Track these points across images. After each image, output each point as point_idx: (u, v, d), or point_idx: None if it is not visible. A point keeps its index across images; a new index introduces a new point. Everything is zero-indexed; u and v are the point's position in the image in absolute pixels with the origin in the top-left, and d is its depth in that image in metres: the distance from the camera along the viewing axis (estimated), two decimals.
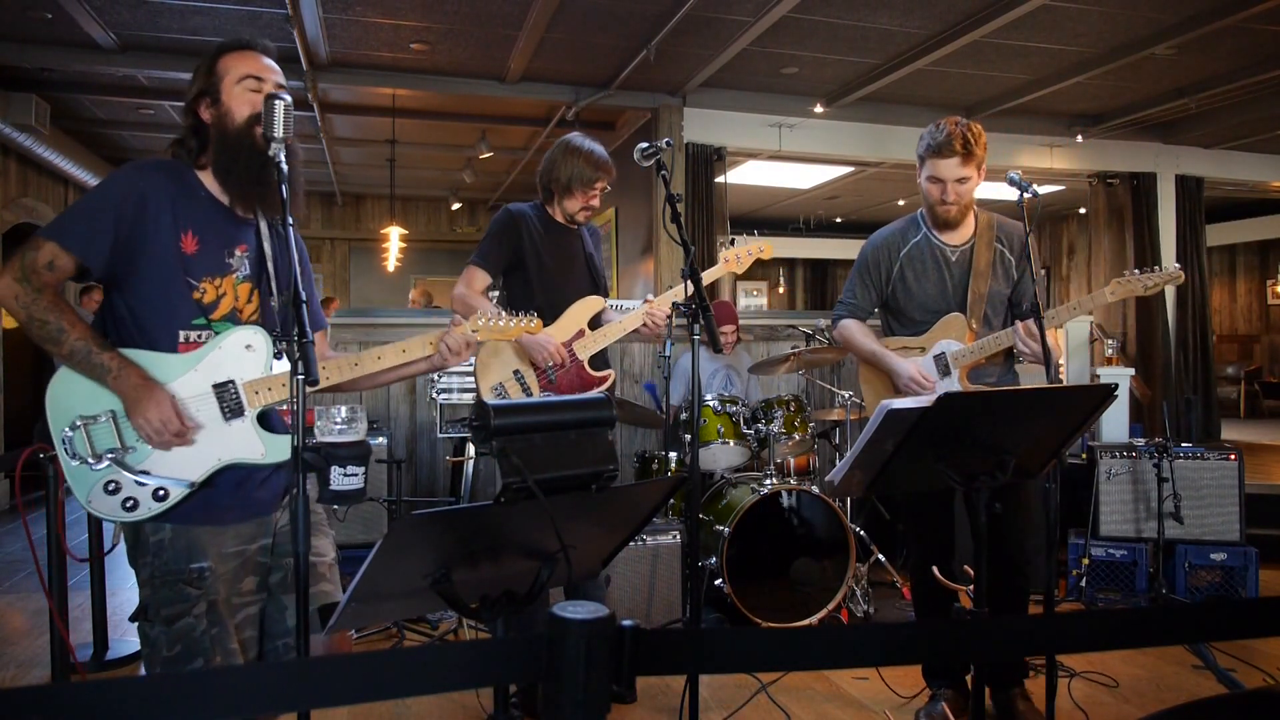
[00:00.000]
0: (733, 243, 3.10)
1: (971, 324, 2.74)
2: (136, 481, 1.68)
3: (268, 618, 1.89)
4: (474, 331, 2.02)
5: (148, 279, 1.75)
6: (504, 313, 2.09)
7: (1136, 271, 2.68)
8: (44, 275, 1.68)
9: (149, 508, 1.69)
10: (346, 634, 2.02)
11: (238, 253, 1.86)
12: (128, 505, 1.68)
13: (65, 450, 1.68)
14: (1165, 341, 7.77)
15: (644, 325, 2.90)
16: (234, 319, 1.84)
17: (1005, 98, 6.77)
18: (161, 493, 1.70)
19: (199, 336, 1.79)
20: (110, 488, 1.67)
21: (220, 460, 1.77)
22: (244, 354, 1.80)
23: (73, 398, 1.69)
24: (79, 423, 1.68)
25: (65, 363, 1.70)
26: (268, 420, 1.85)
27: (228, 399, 1.78)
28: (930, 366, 2.78)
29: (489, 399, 2.83)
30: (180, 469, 1.72)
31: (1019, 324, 2.63)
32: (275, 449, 1.80)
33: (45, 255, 1.68)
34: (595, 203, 2.99)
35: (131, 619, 1.76)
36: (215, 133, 1.83)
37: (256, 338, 1.82)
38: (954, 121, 2.70)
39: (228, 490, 1.79)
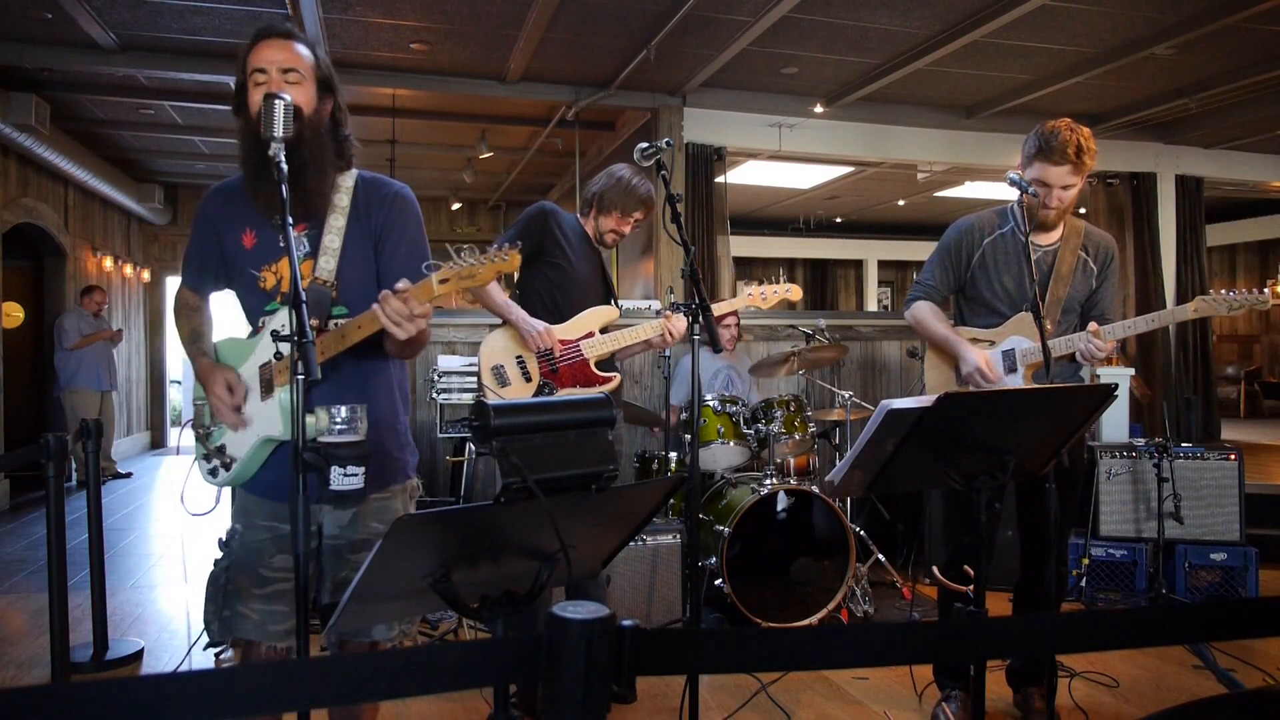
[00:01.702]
0: (760, 283, 3.25)
1: (1046, 325, 2.74)
2: (217, 454, 1.95)
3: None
4: (441, 281, 1.63)
5: (234, 281, 2.00)
6: (473, 251, 1.65)
7: (1224, 292, 2.65)
8: (182, 294, 2.09)
9: (223, 476, 1.96)
10: None
11: (294, 234, 1.88)
12: (212, 472, 1.98)
13: (192, 426, 2.01)
14: (1165, 341, 7.77)
15: (657, 338, 2.95)
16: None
17: (1005, 98, 6.76)
18: (228, 463, 1.94)
19: (266, 320, 1.95)
20: (206, 458, 1.98)
21: (258, 436, 1.87)
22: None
23: (197, 385, 2.01)
24: (197, 404, 2.01)
25: None
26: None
27: (264, 378, 1.88)
28: (998, 360, 2.77)
29: (487, 379, 2.92)
30: (239, 445, 1.92)
31: (1091, 326, 2.63)
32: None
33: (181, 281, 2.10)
34: (626, 230, 3.09)
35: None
36: (242, 130, 1.89)
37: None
38: (1068, 127, 2.61)
39: (269, 467, 1.91)
